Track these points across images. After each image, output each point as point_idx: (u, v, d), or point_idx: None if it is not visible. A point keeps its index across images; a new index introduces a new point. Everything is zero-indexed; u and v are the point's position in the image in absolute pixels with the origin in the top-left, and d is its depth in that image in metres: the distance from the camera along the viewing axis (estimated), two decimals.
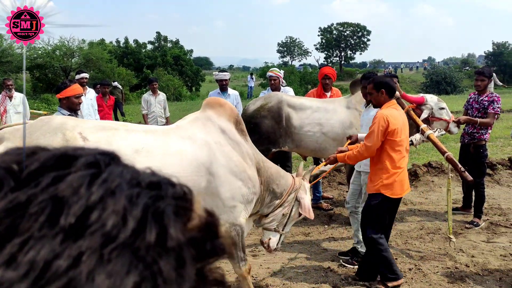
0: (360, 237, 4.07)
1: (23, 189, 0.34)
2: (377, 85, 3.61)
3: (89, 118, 7.42)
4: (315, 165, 3.87)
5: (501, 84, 14.31)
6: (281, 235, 3.34)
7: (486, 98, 5.13)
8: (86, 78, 7.39)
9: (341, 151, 3.73)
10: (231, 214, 2.88)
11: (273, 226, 3.27)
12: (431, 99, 5.08)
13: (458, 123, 5.01)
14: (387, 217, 3.69)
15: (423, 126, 4.53)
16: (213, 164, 2.77)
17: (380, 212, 3.60)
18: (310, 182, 3.63)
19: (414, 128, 4.76)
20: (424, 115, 4.80)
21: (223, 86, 6.12)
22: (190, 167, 2.68)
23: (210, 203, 2.79)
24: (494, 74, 6.26)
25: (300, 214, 3.35)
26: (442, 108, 5.04)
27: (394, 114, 3.54)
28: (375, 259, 3.69)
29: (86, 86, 7.51)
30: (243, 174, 2.91)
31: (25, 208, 0.33)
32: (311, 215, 3.34)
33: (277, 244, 3.33)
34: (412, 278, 3.83)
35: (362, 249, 4.10)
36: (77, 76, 7.41)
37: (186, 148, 2.72)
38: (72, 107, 4.00)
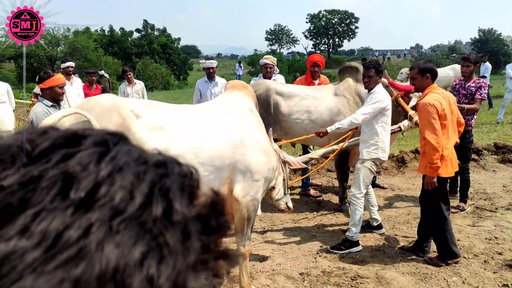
0: (354, 229, 4.14)
1: (35, 165, 0.36)
2: (423, 70, 3.76)
3: None
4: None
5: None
6: (288, 194, 3.70)
7: (473, 84, 5.15)
8: (71, 66, 7.27)
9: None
10: (254, 187, 3.01)
11: (281, 193, 3.57)
12: None
13: None
14: (443, 194, 3.80)
15: (411, 112, 4.58)
16: (246, 138, 2.96)
17: (438, 189, 3.73)
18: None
19: (402, 115, 4.81)
20: (413, 102, 4.84)
21: (210, 74, 6.06)
22: (229, 141, 2.87)
23: (242, 173, 2.94)
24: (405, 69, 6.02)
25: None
26: None
27: (438, 97, 3.64)
28: (435, 235, 3.87)
29: (72, 75, 7.40)
30: (268, 150, 3.12)
31: (37, 182, 0.35)
32: (302, 164, 3.71)
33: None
34: (399, 263, 3.90)
35: (350, 233, 4.16)
36: (63, 65, 7.28)
37: (224, 124, 2.92)
38: (56, 98, 3.89)
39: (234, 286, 3.50)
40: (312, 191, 5.90)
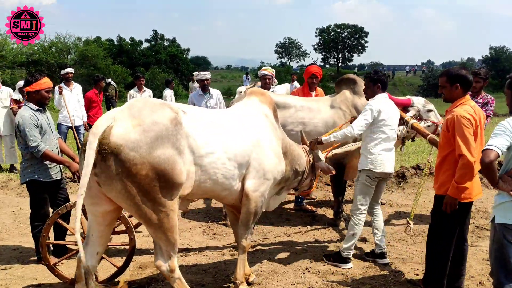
0: (345, 245, 3.98)
1: None
2: (452, 78, 3.27)
3: (76, 114, 7.31)
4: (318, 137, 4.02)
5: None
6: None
7: (481, 100, 4.95)
8: (71, 73, 7.29)
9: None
10: (264, 185, 3.28)
11: (307, 187, 4.11)
12: (418, 101, 5.00)
13: None
14: (457, 223, 3.31)
15: (407, 117, 4.42)
16: (261, 140, 3.28)
17: (451, 216, 3.24)
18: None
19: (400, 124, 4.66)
20: (410, 114, 4.72)
21: (204, 86, 5.94)
22: (249, 141, 3.19)
23: (255, 170, 3.19)
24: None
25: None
26: (430, 111, 4.95)
27: (471, 111, 3.17)
28: (430, 261, 3.42)
29: (72, 81, 7.42)
30: (279, 154, 3.43)
31: None
32: (333, 171, 3.92)
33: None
34: (390, 281, 3.75)
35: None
36: (62, 72, 7.31)
37: (244, 125, 3.26)
38: (42, 101, 3.85)
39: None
40: (307, 206, 5.77)
